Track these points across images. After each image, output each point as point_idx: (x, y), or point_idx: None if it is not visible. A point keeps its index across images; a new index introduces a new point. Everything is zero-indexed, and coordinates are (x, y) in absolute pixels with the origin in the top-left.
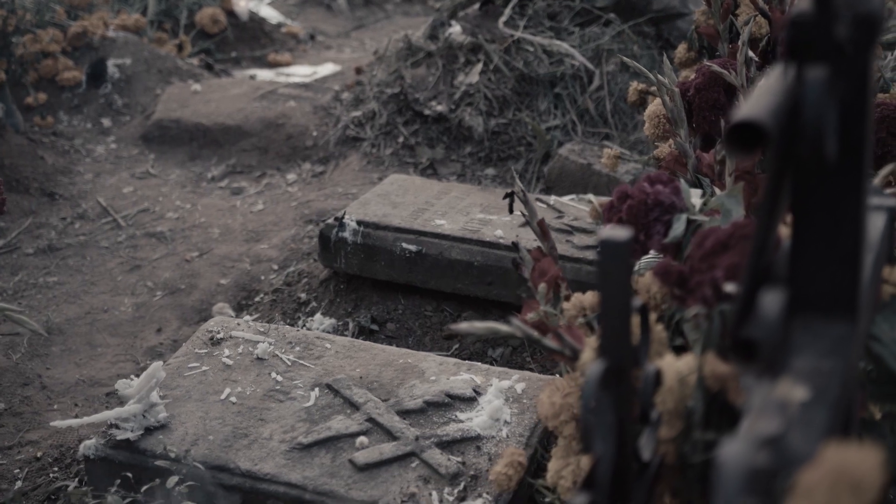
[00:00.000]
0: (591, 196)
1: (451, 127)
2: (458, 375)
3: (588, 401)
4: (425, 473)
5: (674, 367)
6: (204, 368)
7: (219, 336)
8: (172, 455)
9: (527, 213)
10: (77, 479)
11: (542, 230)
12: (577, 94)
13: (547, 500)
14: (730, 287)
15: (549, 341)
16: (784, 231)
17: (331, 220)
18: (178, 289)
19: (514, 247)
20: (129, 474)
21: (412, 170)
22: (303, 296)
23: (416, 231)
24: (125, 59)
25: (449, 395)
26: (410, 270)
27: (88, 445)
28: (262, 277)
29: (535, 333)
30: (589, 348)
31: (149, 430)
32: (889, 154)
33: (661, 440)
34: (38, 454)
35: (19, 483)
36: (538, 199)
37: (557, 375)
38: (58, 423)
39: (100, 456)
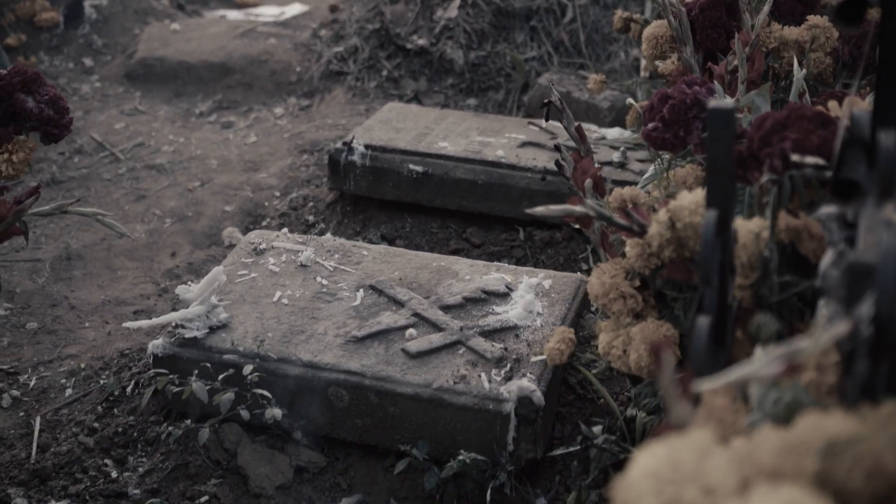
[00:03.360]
0: (630, 99)
1: (433, 60)
2: (490, 275)
3: (705, 246)
4: (472, 358)
5: (746, 227)
6: (253, 275)
7: (262, 247)
8: (241, 349)
9: (564, 121)
10: (133, 382)
11: (580, 134)
12: (551, 26)
13: (594, 371)
14: (795, 157)
15: (619, 218)
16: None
17: (339, 145)
18: (186, 216)
19: (557, 149)
20: (209, 365)
21: (397, 101)
22: (310, 218)
23: (422, 153)
24: (101, 0)
25: (484, 292)
26: (417, 190)
27: (157, 345)
28: (266, 203)
29: (606, 211)
30: (655, 223)
31: (212, 330)
32: None
33: (738, 287)
34: (81, 365)
35: (69, 391)
36: (531, 123)
37: (578, 273)
38: (130, 324)
39: (167, 354)
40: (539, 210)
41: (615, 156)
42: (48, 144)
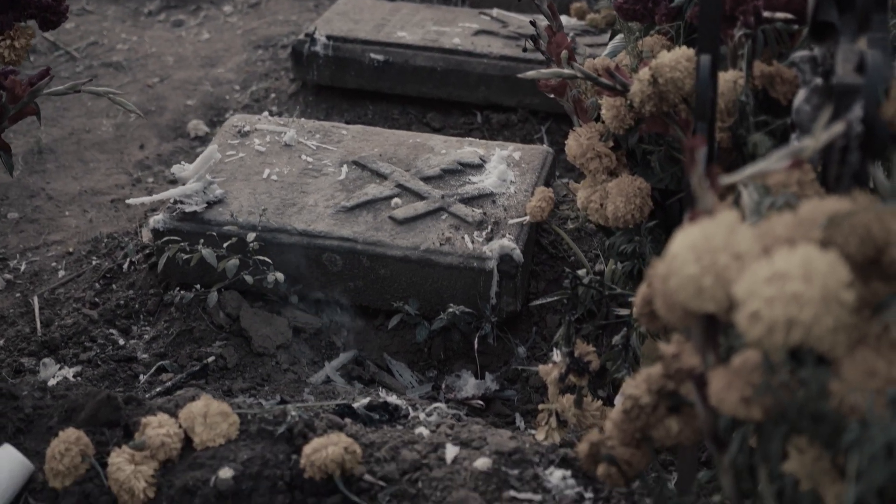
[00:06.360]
0: None
1: None
2: (463, 149)
3: (702, 84)
4: (455, 223)
5: (724, 77)
6: (241, 155)
7: (245, 129)
8: (240, 220)
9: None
10: (128, 261)
11: (552, 11)
12: None
13: (571, 226)
14: (766, 13)
15: (603, 79)
16: None
17: (301, 37)
18: (150, 110)
19: (532, 24)
20: (214, 234)
21: None
22: (274, 108)
23: (382, 42)
24: None
25: (460, 164)
26: (379, 78)
27: (158, 220)
28: (227, 97)
29: (593, 73)
30: (637, 80)
31: (209, 204)
32: None
33: (717, 130)
34: (70, 249)
35: (62, 272)
36: (482, 13)
37: (544, 145)
38: (132, 201)
39: (168, 228)
40: (531, 74)
41: None
42: (46, 31)
